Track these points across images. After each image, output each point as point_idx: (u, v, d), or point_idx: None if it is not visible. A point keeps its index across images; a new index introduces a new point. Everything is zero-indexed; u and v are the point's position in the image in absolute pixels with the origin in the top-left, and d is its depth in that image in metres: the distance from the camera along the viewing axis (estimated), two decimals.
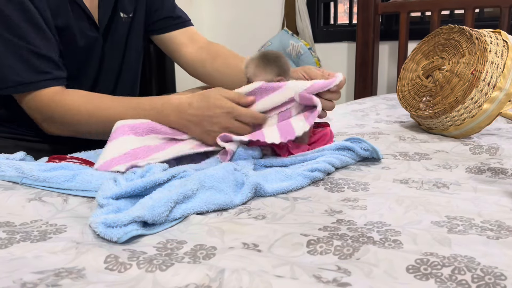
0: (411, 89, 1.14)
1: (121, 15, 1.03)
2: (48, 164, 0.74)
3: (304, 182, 0.71)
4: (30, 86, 0.86)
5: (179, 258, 0.47)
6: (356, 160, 0.84)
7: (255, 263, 0.46)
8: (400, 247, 0.49)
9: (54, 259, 0.47)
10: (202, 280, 0.42)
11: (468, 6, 1.80)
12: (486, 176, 0.76)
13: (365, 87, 2.10)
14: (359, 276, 0.43)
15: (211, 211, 0.61)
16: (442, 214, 0.59)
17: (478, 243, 0.50)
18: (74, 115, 0.86)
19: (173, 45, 1.13)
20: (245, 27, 2.59)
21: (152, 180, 0.62)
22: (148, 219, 0.53)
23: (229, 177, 0.66)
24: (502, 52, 0.97)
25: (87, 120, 0.86)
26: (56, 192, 0.66)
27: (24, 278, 0.42)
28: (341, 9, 2.54)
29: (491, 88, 0.96)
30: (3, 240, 0.50)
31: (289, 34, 2.35)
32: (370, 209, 0.61)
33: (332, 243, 0.50)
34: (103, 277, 0.43)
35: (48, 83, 0.87)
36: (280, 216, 0.59)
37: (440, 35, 1.10)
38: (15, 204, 0.61)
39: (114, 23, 1.01)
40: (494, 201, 0.64)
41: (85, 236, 0.53)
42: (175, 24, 1.12)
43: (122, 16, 1.03)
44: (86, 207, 0.62)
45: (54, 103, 0.86)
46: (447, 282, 0.41)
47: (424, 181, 0.73)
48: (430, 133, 1.09)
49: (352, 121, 1.31)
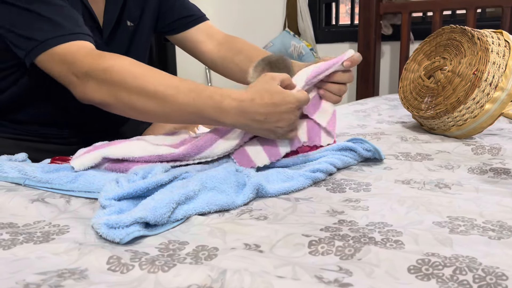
0: (413, 90, 1.14)
1: (128, 23, 1.02)
2: (50, 165, 0.74)
3: (306, 182, 0.71)
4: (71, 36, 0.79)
5: (181, 259, 0.47)
6: (358, 161, 0.84)
7: (257, 263, 0.46)
8: (402, 248, 0.49)
9: (57, 260, 0.47)
10: (204, 280, 0.42)
11: (470, 6, 1.80)
12: (488, 177, 0.76)
13: (367, 87, 2.09)
14: (360, 277, 0.43)
15: (213, 212, 0.61)
16: (443, 215, 0.59)
17: (479, 243, 0.50)
18: (117, 73, 0.75)
19: (191, 43, 1.11)
20: (246, 28, 2.59)
21: (154, 181, 0.62)
22: (150, 220, 0.54)
23: (231, 178, 0.66)
24: (504, 52, 0.97)
25: (131, 83, 0.74)
26: (59, 193, 0.66)
27: (27, 279, 0.42)
28: (343, 9, 2.54)
29: (493, 88, 0.95)
30: (6, 241, 0.51)
31: (291, 34, 2.35)
32: (371, 210, 0.61)
33: (334, 243, 0.50)
34: (106, 278, 0.43)
35: (87, 38, 0.81)
36: (281, 217, 0.59)
37: (442, 36, 1.10)
38: (18, 205, 0.61)
39: (119, 30, 1.01)
40: (496, 201, 0.64)
41: (88, 237, 0.53)
42: (189, 22, 1.10)
43: (129, 24, 1.02)
44: (89, 208, 0.63)
45: (100, 58, 0.77)
46: (449, 282, 0.41)
47: (426, 182, 0.73)
48: (432, 133, 1.09)
49: (354, 121, 1.31)
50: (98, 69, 0.76)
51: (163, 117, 0.79)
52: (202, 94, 0.72)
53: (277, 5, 2.49)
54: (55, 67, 0.80)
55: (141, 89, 0.74)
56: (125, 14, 1.01)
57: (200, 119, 0.75)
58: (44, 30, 0.79)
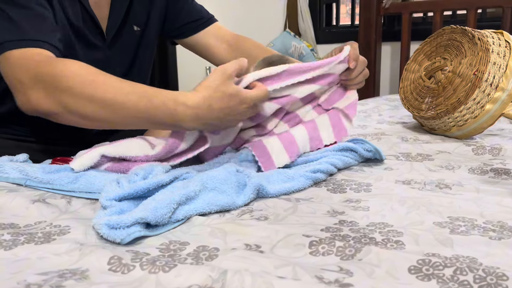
0: (414, 90, 1.14)
1: (134, 28, 1.01)
2: (51, 166, 0.74)
3: (307, 183, 0.71)
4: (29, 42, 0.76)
5: (181, 259, 0.47)
6: (359, 161, 0.84)
7: (258, 264, 0.46)
8: (402, 248, 0.49)
9: (58, 261, 0.47)
10: (205, 281, 0.42)
11: (471, 7, 1.80)
12: (489, 177, 0.76)
13: (367, 88, 2.09)
14: (361, 277, 0.43)
15: (214, 212, 0.61)
16: (444, 215, 0.59)
17: (480, 244, 0.50)
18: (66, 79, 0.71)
19: (201, 46, 1.12)
20: (247, 28, 2.59)
21: (155, 181, 0.62)
22: (151, 221, 0.54)
23: (232, 179, 0.66)
24: (504, 53, 0.97)
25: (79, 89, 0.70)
26: (60, 193, 0.67)
27: (28, 279, 0.43)
28: (343, 10, 2.54)
29: (494, 89, 0.95)
30: (7, 242, 0.51)
31: (291, 35, 2.35)
32: (372, 210, 0.61)
33: (334, 244, 0.50)
34: (107, 278, 0.43)
35: (47, 46, 0.78)
36: (282, 217, 0.59)
37: (442, 36, 1.10)
38: (19, 206, 0.62)
39: (125, 34, 1.00)
40: (497, 201, 0.64)
41: (89, 238, 0.53)
42: (198, 26, 1.11)
43: (136, 29, 1.01)
44: (90, 208, 0.63)
45: (50, 64, 0.73)
46: (449, 283, 0.41)
47: (427, 182, 0.73)
48: (433, 134, 1.09)
49: (354, 122, 1.30)
50: (47, 75, 0.72)
51: (116, 124, 0.75)
52: (153, 100, 0.68)
53: (278, 6, 2.49)
54: (6, 71, 0.77)
55: (89, 97, 0.70)
56: (130, 18, 1.01)
57: (155, 125, 0.73)
58: (5, 33, 0.77)
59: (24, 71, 0.73)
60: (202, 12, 1.13)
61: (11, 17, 0.78)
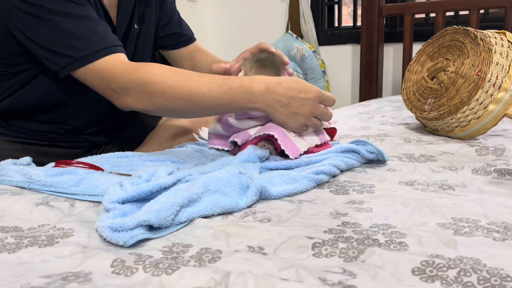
0: (416, 91, 1.14)
1: (135, 26, 1.06)
2: (55, 169, 0.75)
3: (309, 184, 0.71)
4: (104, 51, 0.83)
5: (185, 262, 0.47)
6: (362, 163, 0.84)
7: (261, 266, 0.46)
8: (406, 249, 0.49)
9: (61, 263, 0.47)
10: (208, 283, 0.42)
11: (473, 7, 1.80)
12: (493, 178, 0.76)
13: (370, 89, 2.09)
14: (364, 279, 0.43)
15: (217, 214, 0.61)
16: (448, 216, 0.59)
17: (484, 245, 0.49)
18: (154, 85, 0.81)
19: (175, 59, 1.22)
20: (249, 30, 2.60)
21: (158, 184, 0.62)
22: (154, 223, 0.54)
23: (234, 181, 0.66)
24: (507, 53, 0.97)
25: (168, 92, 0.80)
26: (63, 196, 0.67)
27: (32, 282, 0.43)
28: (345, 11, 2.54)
29: (497, 89, 0.95)
30: (11, 245, 0.51)
31: (294, 37, 2.35)
32: (375, 212, 0.61)
33: (338, 245, 0.50)
34: (110, 281, 0.43)
35: (119, 49, 0.86)
36: (285, 219, 0.59)
37: (445, 37, 1.10)
38: (22, 209, 0.62)
39: (129, 33, 1.05)
40: (501, 202, 0.63)
41: (92, 240, 0.53)
42: (181, 42, 1.19)
43: (136, 27, 1.06)
44: (93, 211, 0.63)
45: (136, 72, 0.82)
46: (453, 284, 0.41)
47: (430, 183, 0.73)
48: (436, 134, 1.08)
49: (357, 123, 1.30)
50: (137, 83, 0.81)
51: (201, 113, 0.87)
52: (232, 85, 0.79)
53: (280, 8, 2.50)
54: (94, 82, 0.85)
55: (178, 95, 0.80)
56: (134, 18, 1.06)
57: (231, 108, 0.82)
58: (78, 47, 0.82)
59: (113, 81, 0.83)
60: (187, 30, 1.21)
61: (74, 31, 0.83)
